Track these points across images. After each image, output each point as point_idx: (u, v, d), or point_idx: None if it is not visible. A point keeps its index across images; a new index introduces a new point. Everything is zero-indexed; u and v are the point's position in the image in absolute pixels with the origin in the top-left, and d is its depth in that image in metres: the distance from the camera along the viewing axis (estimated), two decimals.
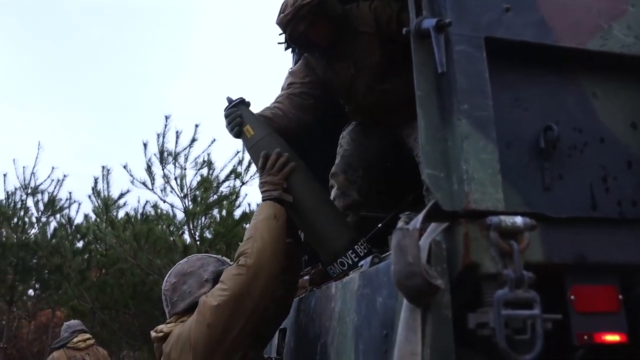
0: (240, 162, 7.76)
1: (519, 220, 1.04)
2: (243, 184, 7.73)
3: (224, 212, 7.46)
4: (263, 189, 2.05)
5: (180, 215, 7.53)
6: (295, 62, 3.15)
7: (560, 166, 1.22)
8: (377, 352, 1.25)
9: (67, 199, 9.65)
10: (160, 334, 1.95)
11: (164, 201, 7.43)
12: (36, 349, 11.88)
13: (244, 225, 7.68)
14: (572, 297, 1.12)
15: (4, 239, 9.22)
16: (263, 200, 2.04)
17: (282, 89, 2.41)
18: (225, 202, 7.33)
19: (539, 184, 1.18)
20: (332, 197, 2.45)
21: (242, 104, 2.20)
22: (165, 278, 2.09)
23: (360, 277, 1.47)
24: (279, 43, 3.20)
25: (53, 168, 9.70)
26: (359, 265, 1.53)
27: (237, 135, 2.21)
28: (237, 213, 7.55)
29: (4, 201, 9.64)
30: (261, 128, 2.18)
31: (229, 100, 2.22)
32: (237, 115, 2.16)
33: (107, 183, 7.74)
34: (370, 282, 1.38)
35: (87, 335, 5.54)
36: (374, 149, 2.47)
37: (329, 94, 2.40)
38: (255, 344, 1.93)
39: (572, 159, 1.23)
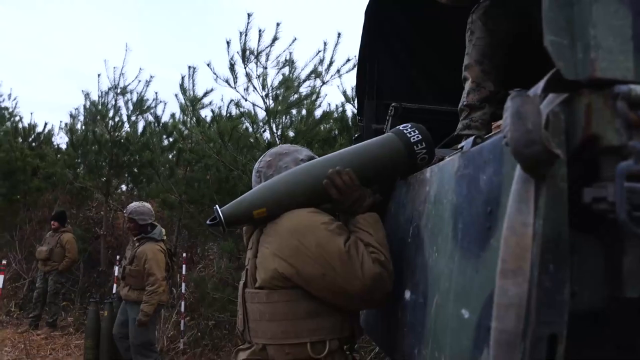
0: (321, 62, 7.65)
1: None
2: (323, 83, 7.67)
3: (304, 112, 7.49)
4: (362, 204, 1.88)
5: (261, 114, 7.65)
6: None
7: None
8: (479, 229, 1.25)
9: (154, 99, 10.04)
10: None
11: (246, 100, 7.54)
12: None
13: (325, 125, 7.72)
14: None
15: (99, 136, 9.76)
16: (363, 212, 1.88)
17: None
18: (306, 102, 7.34)
19: None
20: (466, 91, 2.36)
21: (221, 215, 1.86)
22: (260, 159, 2.12)
23: (460, 158, 1.44)
24: None
25: (140, 69, 10.09)
26: (459, 147, 1.50)
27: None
28: (318, 113, 7.56)
29: (97, 100, 10.16)
30: (258, 196, 1.88)
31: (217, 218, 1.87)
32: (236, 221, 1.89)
33: (193, 82, 7.92)
34: (472, 162, 1.36)
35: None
36: (509, 34, 2.32)
37: None
38: None
39: None
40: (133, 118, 10.02)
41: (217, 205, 1.89)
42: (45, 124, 12.54)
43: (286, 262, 1.76)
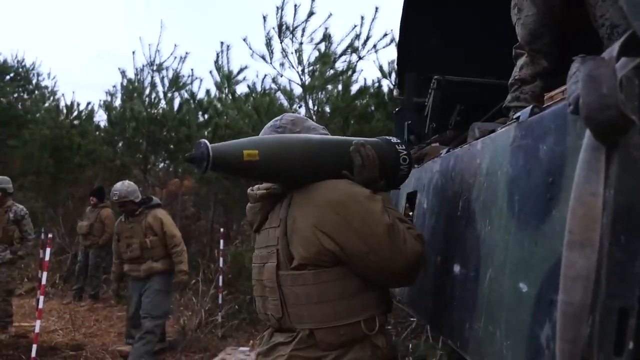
0: (357, 37, 7.57)
1: None
2: (360, 58, 7.59)
3: (339, 87, 7.44)
4: (376, 185, 1.76)
5: (297, 90, 7.63)
6: None
7: None
8: (539, 200, 1.21)
9: (189, 76, 10.10)
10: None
11: (281, 75, 7.52)
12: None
13: (361, 101, 7.66)
14: None
15: (136, 113, 9.89)
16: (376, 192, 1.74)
17: None
18: (342, 77, 7.28)
19: None
20: (518, 66, 2.27)
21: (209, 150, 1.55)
22: (276, 119, 1.94)
23: (517, 128, 1.40)
24: None
25: (175, 45, 10.14)
26: (514, 118, 1.45)
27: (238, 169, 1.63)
28: (354, 88, 7.50)
29: (134, 78, 10.28)
30: (254, 141, 1.65)
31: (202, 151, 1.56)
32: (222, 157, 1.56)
33: (227, 58, 7.94)
34: (531, 132, 1.31)
35: None
36: (558, 9, 2.21)
37: None
38: None
39: None
40: (169, 95, 10.11)
41: (205, 140, 1.59)
42: (88, 103, 12.78)
43: (329, 237, 1.61)
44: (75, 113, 13.50)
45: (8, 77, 17.29)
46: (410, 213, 2.99)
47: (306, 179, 1.71)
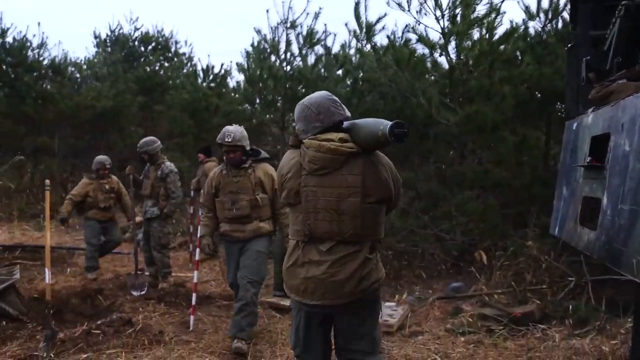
0: None
1: None
2: None
3: (483, 31, 6.94)
4: None
5: (436, 37, 7.26)
6: None
7: None
8: None
9: (323, 32, 10.05)
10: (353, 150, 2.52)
11: (419, 23, 7.17)
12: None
13: (507, 44, 7.12)
14: None
15: (274, 71, 10.06)
16: None
17: None
18: (485, 20, 6.77)
19: None
20: None
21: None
22: (333, 96, 2.70)
23: None
24: None
25: (308, 1, 10.03)
26: None
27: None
28: (499, 32, 6.97)
29: (269, 36, 10.43)
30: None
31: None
32: None
33: (365, 7, 7.69)
34: None
35: None
36: None
37: None
38: None
39: None
40: (304, 52, 10.14)
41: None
42: (222, 64, 13.30)
43: (392, 189, 2.61)
44: (211, 76, 14.13)
45: (150, 47, 18.51)
46: (589, 158, 2.67)
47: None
